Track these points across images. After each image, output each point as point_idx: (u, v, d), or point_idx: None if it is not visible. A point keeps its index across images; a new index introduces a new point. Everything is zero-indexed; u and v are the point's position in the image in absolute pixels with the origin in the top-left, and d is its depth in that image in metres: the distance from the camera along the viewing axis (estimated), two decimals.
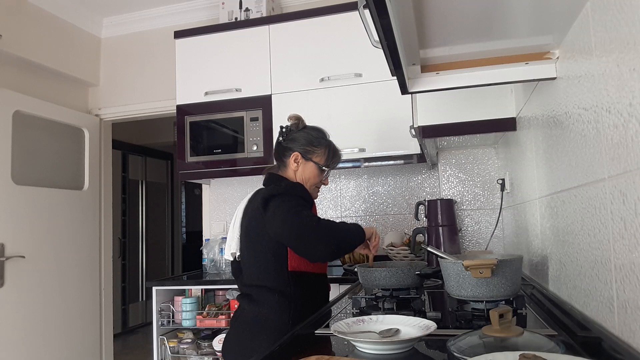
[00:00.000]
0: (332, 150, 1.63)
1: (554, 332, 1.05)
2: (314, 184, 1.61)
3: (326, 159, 1.61)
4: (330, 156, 1.62)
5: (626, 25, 0.71)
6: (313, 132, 1.63)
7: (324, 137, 1.64)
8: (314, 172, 1.59)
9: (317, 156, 1.59)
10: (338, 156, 1.66)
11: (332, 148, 1.64)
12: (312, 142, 1.60)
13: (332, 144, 1.64)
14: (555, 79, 1.15)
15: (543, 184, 1.37)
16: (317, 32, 2.62)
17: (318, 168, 1.59)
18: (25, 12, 2.89)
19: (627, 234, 0.74)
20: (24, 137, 2.85)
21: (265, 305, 1.46)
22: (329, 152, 1.62)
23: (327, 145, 1.62)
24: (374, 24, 0.84)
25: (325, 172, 1.62)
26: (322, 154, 1.61)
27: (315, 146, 1.60)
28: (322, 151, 1.61)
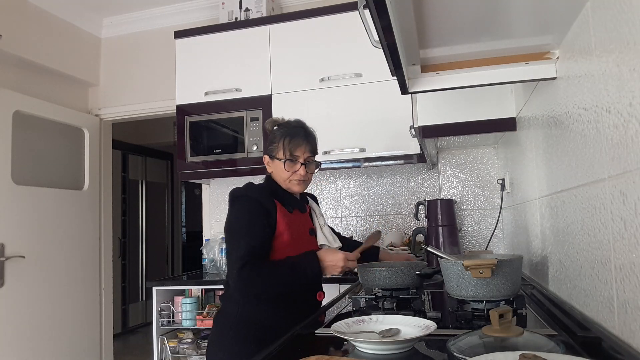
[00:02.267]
0: (287, 138, 1.54)
1: (554, 332, 1.05)
2: (287, 178, 1.54)
3: (284, 150, 1.53)
4: (286, 145, 1.53)
5: (626, 25, 0.71)
6: (277, 129, 1.59)
7: (280, 128, 1.58)
8: (280, 168, 1.54)
9: (278, 151, 1.54)
10: (296, 138, 1.54)
11: (286, 135, 1.54)
12: (271, 140, 1.58)
13: (286, 131, 1.55)
14: (555, 79, 1.15)
15: (543, 184, 1.37)
16: (317, 32, 2.62)
17: (284, 162, 1.53)
18: (25, 12, 2.89)
19: (627, 234, 0.74)
20: (24, 137, 2.85)
21: (225, 300, 1.54)
22: (284, 141, 1.53)
23: (281, 136, 1.55)
24: (374, 24, 0.84)
25: (292, 163, 1.53)
26: (279, 148, 1.54)
27: (273, 143, 1.56)
28: (278, 145, 1.54)
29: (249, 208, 1.45)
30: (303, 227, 1.57)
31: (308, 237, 1.58)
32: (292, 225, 1.50)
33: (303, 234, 1.56)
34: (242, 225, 1.42)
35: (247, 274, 1.35)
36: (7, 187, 2.70)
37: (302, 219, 1.58)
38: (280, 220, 1.47)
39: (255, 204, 1.45)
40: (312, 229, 1.61)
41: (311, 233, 1.60)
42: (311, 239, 1.59)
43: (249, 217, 1.43)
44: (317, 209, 1.71)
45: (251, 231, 1.41)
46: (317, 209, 1.71)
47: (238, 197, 1.49)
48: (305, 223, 1.59)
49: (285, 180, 1.54)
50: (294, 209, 1.56)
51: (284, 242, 1.47)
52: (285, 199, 1.53)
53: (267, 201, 1.47)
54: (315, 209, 1.70)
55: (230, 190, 1.51)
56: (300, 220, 1.57)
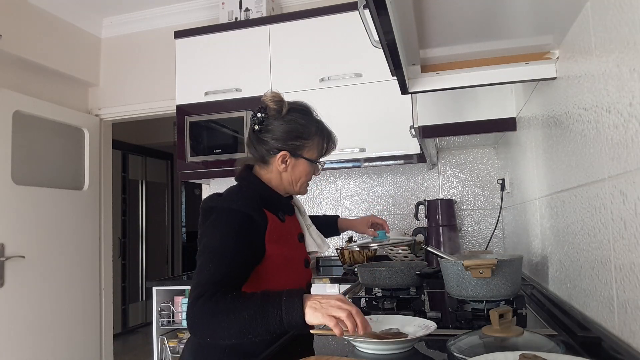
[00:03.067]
0: (325, 136, 1.29)
1: (554, 332, 1.05)
2: (306, 181, 1.29)
3: (319, 150, 1.27)
4: (323, 144, 1.28)
5: (626, 25, 0.71)
6: (299, 117, 1.25)
7: (312, 120, 1.27)
8: (306, 169, 1.26)
9: (309, 150, 1.25)
10: (332, 138, 1.31)
11: (324, 132, 1.29)
12: (300, 134, 1.23)
13: (322, 127, 1.29)
14: (555, 79, 1.15)
15: (543, 184, 1.37)
16: (317, 32, 2.62)
17: (310, 164, 1.26)
18: (25, 12, 2.89)
19: (627, 234, 0.74)
20: (24, 137, 2.85)
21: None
22: (322, 140, 1.27)
23: (317, 134, 1.26)
24: (374, 24, 0.84)
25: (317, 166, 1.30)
26: (314, 146, 1.26)
27: (305, 139, 1.24)
28: (314, 142, 1.25)
29: (227, 223, 1.11)
30: (293, 235, 1.29)
31: (298, 246, 1.30)
32: (283, 237, 1.22)
33: (293, 244, 1.28)
34: (215, 246, 1.08)
35: (198, 309, 0.99)
36: (7, 187, 2.70)
37: (291, 224, 1.29)
38: (272, 237, 1.17)
39: (239, 219, 1.12)
40: (300, 234, 1.32)
41: (300, 239, 1.32)
42: (301, 246, 1.31)
43: (225, 235, 1.10)
44: (300, 205, 1.42)
45: (223, 254, 1.07)
46: (300, 205, 1.42)
47: (216, 208, 1.14)
48: (294, 228, 1.31)
49: (304, 184, 1.29)
50: (285, 214, 1.26)
51: (274, 263, 1.18)
52: (277, 205, 1.24)
53: (256, 214, 1.14)
54: (299, 206, 1.41)
55: (205, 199, 1.19)
56: (290, 226, 1.28)
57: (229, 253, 1.07)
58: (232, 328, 0.97)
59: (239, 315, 0.96)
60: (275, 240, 1.17)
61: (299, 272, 1.27)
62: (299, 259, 1.28)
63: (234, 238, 1.09)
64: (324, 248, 1.37)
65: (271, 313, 0.95)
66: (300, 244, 1.30)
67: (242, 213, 1.12)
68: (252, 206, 1.14)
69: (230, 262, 1.07)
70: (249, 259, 1.11)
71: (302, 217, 1.38)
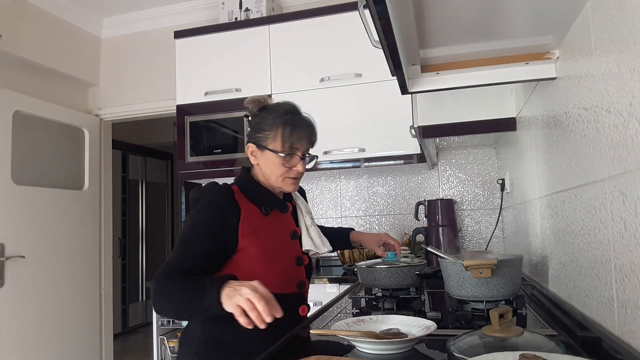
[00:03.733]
0: (287, 127, 1.27)
1: (554, 332, 1.05)
2: (281, 175, 1.28)
3: (282, 142, 1.26)
4: (287, 136, 1.26)
5: (626, 25, 0.71)
6: (267, 112, 1.30)
7: (279, 114, 1.29)
8: (274, 162, 1.27)
9: (271, 141, 1.27)
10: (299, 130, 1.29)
11: (288, 124, 1.28)
12: (259, 127, 1.29)
13: (288, 119, 1.28)
14: (555, 79, 1.16)
15: (543, 184, 1.37)
16: (317, 32, 2.62)
17: (277, 155, 1.26)
18: (25, 12, 2.89)
19: (627, 234, 0.74)
20: (24, 137, 2.85)
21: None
22: (284, 131, 1.26)
23: (280, 124, 1.27)
24: (374, 23, 0.84)
25: (291, 158, 1.28)
26: (275, 137, 1.27)
27: (266, 130, 1.28)
28: (274, 133, 1.27)
29: (199, 213, 1.20)
30: (282, 231, 1.31)
31: (288, 242, 1.31)
32: (264, 231, 1.25)
33: (281, 239, 1.29)
34: (185, 233, 1.19)
35: (154, 287, 1.10)
36: (7, 187, 2.70)
37: (281, 220, 1.32)
38: (247, 228, 1.21)
39: (208, 209, 1.20)
40: (294, 232, 1.33)
41: (293, 236, 1.33)
42: (293, 244, 1.32)
43: (194, 224, 1.19)
44: (304, 205, 1.44)
45: (189, 242, 1.17)
46: (304, 205, 1.44)
47: (194, 200, 1.25)
48: (285, 225, 1.33)
49: (278, 177, 1.28)
50: (272, 209, 1.30)
51: (252, 255, 1.21)
52: (261, 198, 1.28)
53: (228, 204, 1.21)
54: (302, 206, 1.43)
55: (191, 191, 1.28)
56: (279, 222, 1.31)
57: (194, 241, 1.17)
58: (171, 307, 1.10)
59: (176, 296, 1.08)
60: (251, 232, 1.21)
61: (287, 269, 1.28)
62: (288, 256, 1.30)
63: (202, 227, 1.18)
64: (322, 249, 1.37)
65: (196, 297, 1.04)
66: (292, 242, 1.32)
67: (212, 203, 1.20)
68: (223, 197, 1.21)
69: (194, 249, 1.16)
70: (214, 248, 1.18)
71: (303, 216, 1.40)
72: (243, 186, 1.29)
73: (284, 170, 1.28)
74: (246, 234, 1.21)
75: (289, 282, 1.29)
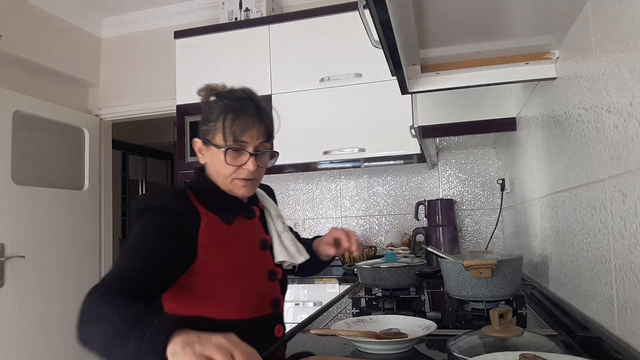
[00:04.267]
0: (229, 115, 1.05)
1: (554, 332, 1.05)
2: (229, 175, 1.07)
3: (224, 134, 1.05)
4: (228, 125, 1.04)
5: (626, 25, 0.71)
6: (216, 101, 1.11)
7: (227, 101, 1.08)
8: (219, 159, 1.06)
9: (215, 134, 1.07)
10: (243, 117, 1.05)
11: (229, 110, 1.06)
12: (208, 117, 1.09)
13: (229, 105, 1.06)
14: (555, 79, 1.16)
15: (543, 184, 1.37)
16: (317, 32, 2.62)
17: (220, 152, 1.06)
18: (25, 12, 2.89)
19: (627, 234, 0.74)
20: (24, 137, 2.85)
21: None
22: (226, 120, 1.05)
23: (223, 112, 1.06)
24: (374, 23, 0.84)
25: (236, 153, 1.06)
26: (218, 129, 1.06)
27: (211, 121, 1.08)
28: (217, 124, 1.06)
29: (148, 222, 0.98)
30: (249, 241, 1.11)
31: (258, 254, 1.11)
32: (228, 243, 1.05)
33: (249, 252, 1.09)
34: (132, 242, 0.96)
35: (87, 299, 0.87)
36: (7, 187, 2.70)
37: (247, 228, 1.12)
38: (207, 239, 1.01)
39: (161, 217, 0.98)
40: (263, 241, 1.13)
41: (263, 247, 1.12)
42: (263, 255, 1.12)
43: (143, 233, 0.97)
44: (273, 208, 1.23)
45: (138, 251, 0.94)
46: (273, 208, 1.23)
47: (139, 210, 1.01)
48: (252, 233, 1.12)
49: (226, 178, 1.07)
50: (236, 216, 1.09)
51: (212, 272, 1.01)
52: (221, 204, 1.08)
53: (185, 210, 1.00)
54: (271, 208, 1.22)
55: (133, 201, 1.04)
56: (245, 231, 1.11)
57: (144, 250, 0.94)
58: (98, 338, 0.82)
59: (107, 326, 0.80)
60: (212, 243, 1.01)
61: (258, 287, 1.08)
62: (259, 270, 1.09)
63: (154, 235, 0.96)
64: (299, 258, 1.16)
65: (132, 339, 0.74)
66: (262, 253, 1.12)
67: (165, 210, 0.99)
68: (179, 202, 1.00)
69: (145, 259, 0.92)
70: (169, 261, 0.95)
71: (273, 221, 1.19)
72: (197, 191, 1.07)
73: (231, 169, 1.06)
74: (207, 246, 1.00)
75: (260, 302, 1.08)
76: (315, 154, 2.54)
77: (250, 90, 1.12)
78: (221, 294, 1.02)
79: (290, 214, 2.97)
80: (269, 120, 1.10)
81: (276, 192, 1.37)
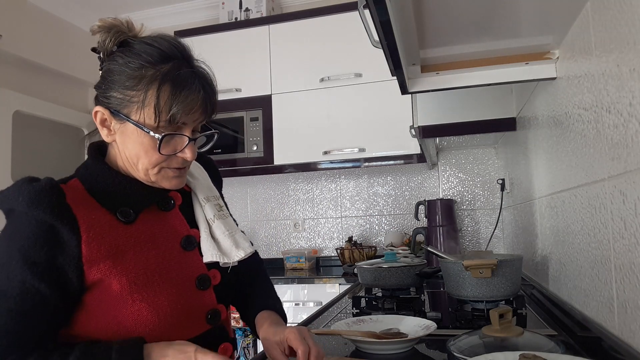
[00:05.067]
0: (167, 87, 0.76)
1: (554, 332, 1.05)
2: (155, 164, 0.80)
3: (157, 112, 0.76)
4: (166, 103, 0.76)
5: (626, 25, 0.71)
6: (132, 53, 0.79)
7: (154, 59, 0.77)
8: (142, 143, 0.78)
9: (137, 109, 0.77)
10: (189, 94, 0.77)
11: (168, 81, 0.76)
12: (121, 78, 0.77)
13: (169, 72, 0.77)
14: (555, 79, 1.16)
15: (543, 184, 1.37)
16: (317, 32, 2.62)
17: (146, 135, 0.77)
18: (25, 12, 2.89)
19: (627, 234, 0.74)
20: (24, 137, 2.85)
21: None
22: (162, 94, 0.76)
23: (155, 81, 0.76)
24: (374, 23, 0.84)
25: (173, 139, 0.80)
26: (145, 102, 0.76)
27: (128, 87, 0.77)
28: (142, 95, 0.76)
29: (9, 238, 0.72)
30: (165, 241, 0.83)
31: (179, 257, 0.83)
32: (131, 248, 0.78)
33: (166, 255, 0.82)
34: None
35: None
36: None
37: (161, 224, 0.84)
38: (93, 251, 0.73)
39: (24, 230, 0.71)
40: (187, 238, 0.86)
41: (186, 246, 0.85)
42: (188, 257, 0.85)
43: (2, 259, 0.71)
44: (202, 187, 0.94)
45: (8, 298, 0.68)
46: (202, 187, 0.94)
47: (5, 211, 0.75)
48: (170, 230, 0.85)
49: (151, 168, 0.80)
50: (140, 210, 0.82)
51: (113, 292, 0.75)
52: (121, 196, 0.80)
53: (53, 217, 0.71)
54: (199, 188, 0.93)
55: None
56: (157, 227, 0.83)
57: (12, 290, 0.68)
58: None
59: None
60: (105, 255, 0.74)
61: (178, 298, 0.80)
62: (181, 277, 0.82)
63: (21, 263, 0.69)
64: (235, 254, 0.87)
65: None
66: (187, 254, 0.85)
67: (27, 217, 0.71)
68: (43, 205, 0.71)
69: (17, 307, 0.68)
70: (51, 298, 0.70)
71: (202, 206, 0.91)
72: (89, 180, 0.81)
73: (160, 158, 0.79)
74: (97, 261, 0.73)
75: (190, 318, 0.82)
76: (315, 154, 2.54)
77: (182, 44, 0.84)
78: (128, 316, 0.76)
79: (290, 214, 2.97)
80: (213, 93, 0.83)
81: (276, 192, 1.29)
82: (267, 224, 3.00)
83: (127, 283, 0.75)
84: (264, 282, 1.05)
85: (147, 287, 0.77)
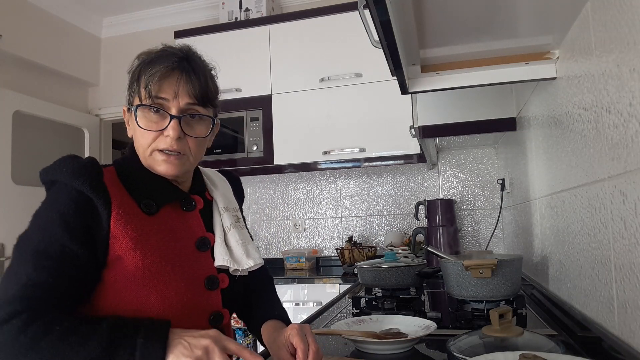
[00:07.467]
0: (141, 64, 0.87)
1: (554, 332, 1.05)
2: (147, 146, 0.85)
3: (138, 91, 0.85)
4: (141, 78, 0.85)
5: (626, 25, 0.71)
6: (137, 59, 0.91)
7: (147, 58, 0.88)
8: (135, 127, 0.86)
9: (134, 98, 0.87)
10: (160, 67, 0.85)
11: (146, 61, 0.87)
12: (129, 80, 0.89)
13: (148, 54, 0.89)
14: (555, 79, 1.16)
15: (543, 184, 1.37)
16: (317, 32, 2.62)
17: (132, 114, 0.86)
18: (25, 12, 2.89)
19: (627, 234, 0.74)
20: (24, 137, 2.85)
21: None
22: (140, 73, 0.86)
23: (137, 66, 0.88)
24: (374, 23, 0.84)
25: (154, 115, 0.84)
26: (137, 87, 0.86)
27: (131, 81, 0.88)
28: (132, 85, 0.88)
29: (52, 204, 0.79)
30: (182, 238, 0.87)
31: (192, 256, 0.87)
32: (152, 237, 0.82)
33: (181, 252, 0.86)
34: (31, 238, 0.76)
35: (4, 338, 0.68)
36: (7, 187, 2.70)
37: (181, 223, 0.88)
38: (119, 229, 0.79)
39: (65, 197, 0.78)
40: (201, 240, 0.89)
41: (200, 247, 0.89)
42: (200, 257, 0.88)
43: (44, 223, 0.77)
44: (223, 198, 0.99)
45: (39, 254, 0.73)
46: (223, 198, 0.99)
47: (48, 182, 0.84)
48: (188, 229, 0.89)
49: (146, 149, 0.85)
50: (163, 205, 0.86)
51: (127, 273, 0.79)
52: (143, 187, 0.85)
53: (91, 190, 0.78)
54: (220, 198, 0.98)
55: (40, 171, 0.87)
56: (177, 225, 0.87)
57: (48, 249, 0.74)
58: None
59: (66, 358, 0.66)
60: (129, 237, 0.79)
61: (189, 296, 0.84)
62: (191, 275, 0.85)
63: (56, 227, 0.75)
64: (246, 262, 0.91)
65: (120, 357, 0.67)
66: (199, 254, 0.88)
67: (68, 188, 0.78)
68: (83, 178, 0.78)
69: (56, 265, 0.73)
70: (85, 261, 0.76)
71: (220, 214, 0.95)
72: (122, 169, 0.86)
73: (149, 137, 0.83)
74: (120, 239, 0.79)
75: (193, 315, 0.84)
76: (315, 154, 2.54)
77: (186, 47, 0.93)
78: (134, 300, 0.79)
79: (290, 214, 2.97)
80: (202, 77, 0.88)
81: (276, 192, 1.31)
82: (267, 224, 3.00)
83: (142, 267, 0.80)
84: (271, 296, 1.09)
85: (158, 275, 0.81)
